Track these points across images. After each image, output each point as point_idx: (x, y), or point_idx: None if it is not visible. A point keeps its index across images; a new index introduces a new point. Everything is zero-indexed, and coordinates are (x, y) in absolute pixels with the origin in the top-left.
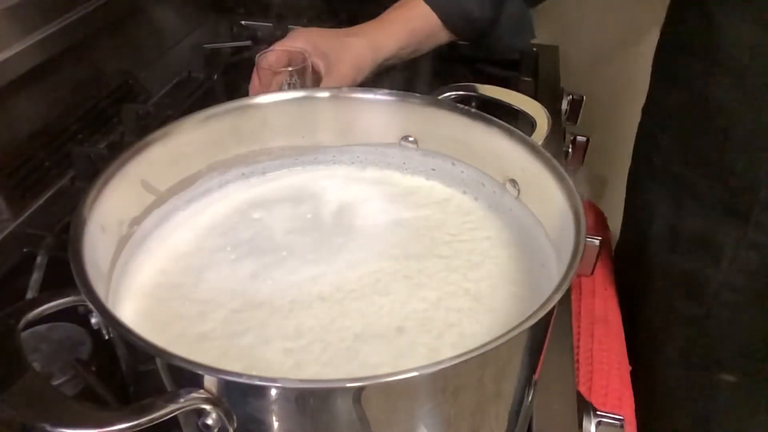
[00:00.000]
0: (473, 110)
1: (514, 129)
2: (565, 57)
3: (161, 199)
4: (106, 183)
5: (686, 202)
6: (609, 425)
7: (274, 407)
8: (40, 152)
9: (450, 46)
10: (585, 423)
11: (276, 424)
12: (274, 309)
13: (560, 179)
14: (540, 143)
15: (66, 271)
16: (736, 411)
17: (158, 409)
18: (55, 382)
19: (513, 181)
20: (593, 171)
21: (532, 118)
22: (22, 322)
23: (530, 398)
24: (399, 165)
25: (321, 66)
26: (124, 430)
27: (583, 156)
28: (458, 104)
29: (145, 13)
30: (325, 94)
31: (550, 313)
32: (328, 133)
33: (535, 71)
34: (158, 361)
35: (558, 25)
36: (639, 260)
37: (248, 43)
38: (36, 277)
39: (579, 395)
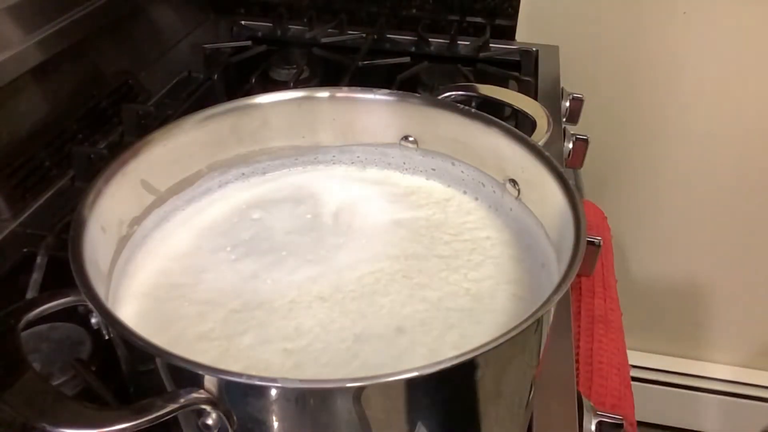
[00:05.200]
0: (473, 110)
1: (514, 129)
2: (565, 57)
3: (161, 199)
4: (106, 183)
5: None
6: (609, 425)
7: (274, 407)
8: (40, 152)
9: (450, 46)
10: (585, 423)
11: (276, 424)
12: (273, 309)
13: (560, 179)
14: (540, 143)
15: (66, 271)
16: None
17: (158, 409)
18: (55, 382)
19: (513, 181)
20: (593, 171)
21: (532, 118)
22: (22, 322)
23: (530, 398)
24: (399, 165)
25: None
26: (124, 430)
27: (583, 156)
28: (458, 104)
29: (145, 13)
30: (325, 94)
31: (549, 314)
32: (328, 133)
33: (535, 71)
34: (158, 361)
35: (558, 25)
36: None
37: (248, 43)
38: (36, 277)
39: (579, 395)
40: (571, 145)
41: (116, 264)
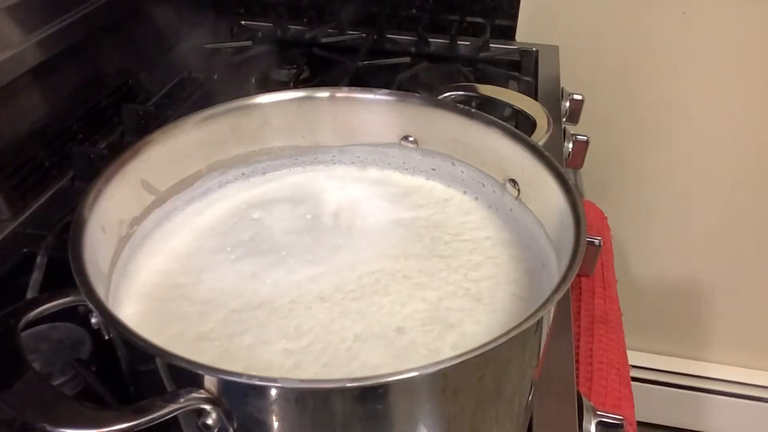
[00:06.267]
0: (473, 110)
1: (514, 129)
2: (565, 57)
3: (161, 199)
4: (106, 183)
5: None
6: (609, 425)
7: (274, 407)
8: (40, 152)
9: (450, 46)
10: (585, 423)
11: (276, 424)
12: (273, 309)
13: (560, 179)
14: (540, 143)
15: (66, 271)
16: None
17: (158, 409)
18: (55, 382)
19: (513, 181)
20: (593, 171)
21: (532, 118)
22: (22, 322)
23: (530, 398)
24: (399, 165)
25: None
26: (124, 430)
27: (583, 156)
28: (458, 104)
29: (145, 13)
30: (325, 94)
31: (549, 314)
32: (328, 133)
33: (535, 71)
34: (158, 361)
35: (558, 25)
36: None
37: (248, 43)
38: (36, 277)
39: (579, 395)
40: (571, 145)
41: (116, 264)
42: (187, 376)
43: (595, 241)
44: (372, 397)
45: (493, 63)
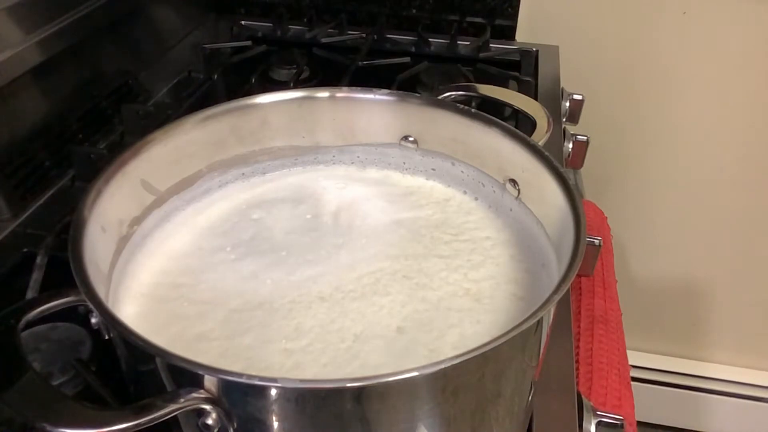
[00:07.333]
0: (473, 110)
1: (514, 129)
2: (565, 57)
3: (161, 199)
4: (106, 183)
5: None
6: (609, 425)
7: (274, 407)
8: (40, 152)
9: (450, 46)
10: (585, 423)
11: (276, 424)
12: (273, 309)
13: (560, 179)
14: (540, 143)
15: (66, 271)
16: None
17: (158, 409)
18: (55, 382)
19: (513, 181)
20: (593, 171)
21: (532, 118)
22: (22, 322)
23: (530, 398)
24: (399, 165)
25: None
26: (124, 430)
27: (583, 156)
28: (458, 104)
29: (145, 13)
30: (324, 94)
31: (549, 314)
32: (328, 133)
33: (535, 71)
34: (158, 361)
35: (558, 25)
36: None
37: (248, 43)
38: (36, 277)
39: (579, 395)
40: (571, 145)
41: (116, 264)
42: (187, 376)
43: (595, 241)
44: (372, 397)
45: (493, 63)
